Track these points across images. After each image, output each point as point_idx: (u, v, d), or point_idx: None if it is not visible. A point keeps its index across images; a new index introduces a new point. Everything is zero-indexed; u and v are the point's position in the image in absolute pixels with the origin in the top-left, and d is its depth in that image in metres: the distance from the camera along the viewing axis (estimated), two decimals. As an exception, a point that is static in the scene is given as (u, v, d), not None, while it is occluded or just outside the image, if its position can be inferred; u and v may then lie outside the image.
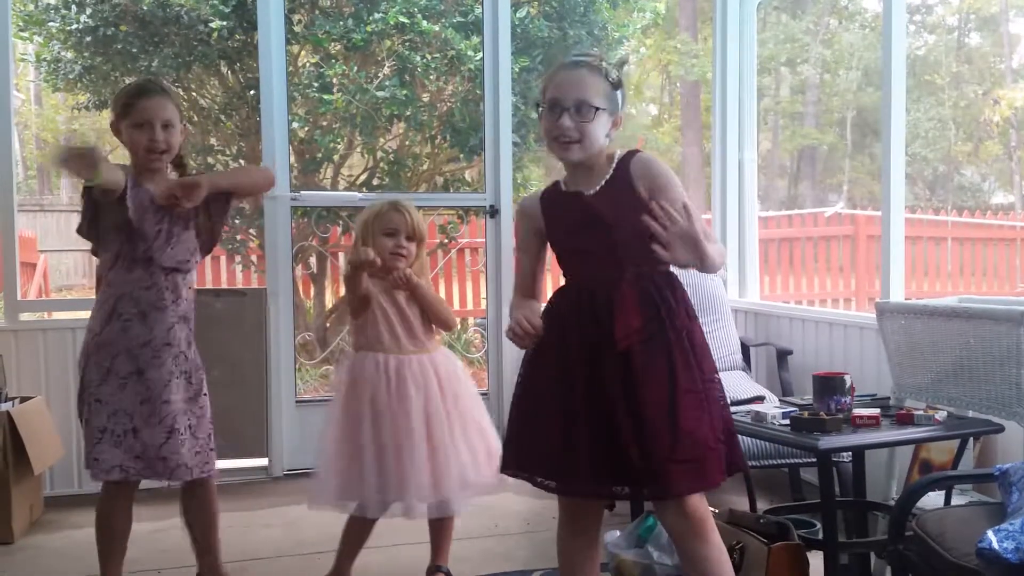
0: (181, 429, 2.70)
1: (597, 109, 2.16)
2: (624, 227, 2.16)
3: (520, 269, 2.40)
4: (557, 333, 2.21)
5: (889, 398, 3.07)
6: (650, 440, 2.06)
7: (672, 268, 2.21)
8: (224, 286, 7.52)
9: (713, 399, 2.16)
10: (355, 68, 6.34)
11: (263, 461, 4.39)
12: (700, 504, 2.14)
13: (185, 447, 2.70)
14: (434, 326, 2.95)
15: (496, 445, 2.85)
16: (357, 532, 2.90)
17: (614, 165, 2.21)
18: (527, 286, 2.36)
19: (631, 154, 2.23)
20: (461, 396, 2.92)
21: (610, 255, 2.18)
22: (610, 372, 2.11)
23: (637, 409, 2.08)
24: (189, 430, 2.72)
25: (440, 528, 2.98)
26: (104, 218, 2.69)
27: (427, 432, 2.80)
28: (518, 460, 2.27)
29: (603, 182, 2.20)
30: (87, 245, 2.81)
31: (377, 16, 6.16)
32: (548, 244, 2.33)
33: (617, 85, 2.22)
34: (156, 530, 3.52)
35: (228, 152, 6.96)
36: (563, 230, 2.27)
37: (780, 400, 3.23)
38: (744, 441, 3.10)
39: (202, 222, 2.81)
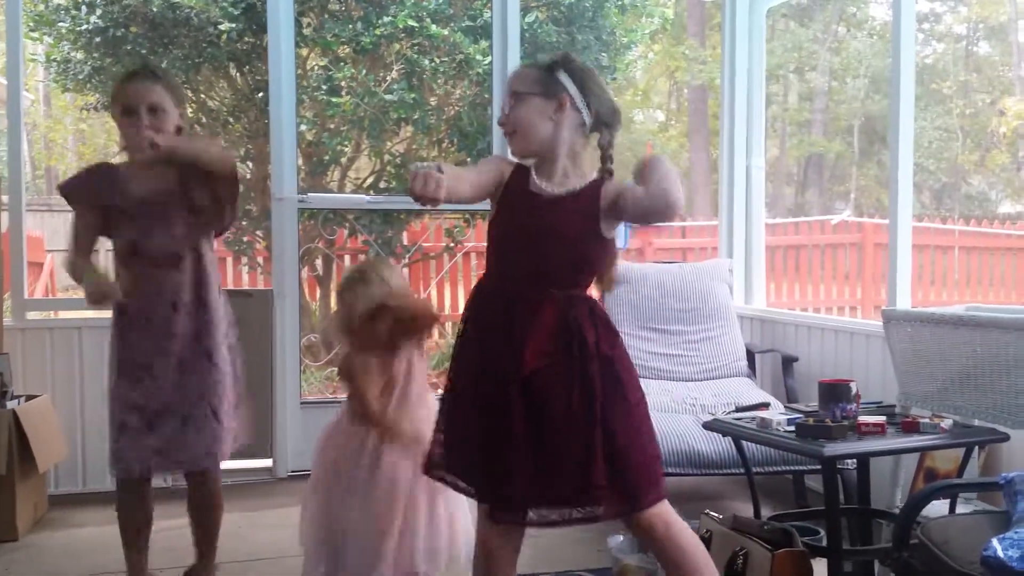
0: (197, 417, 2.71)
1: (518, 94, 2.18)
2: (568, 245, 2.15)
3: (469, 169, 2.26)
4: (478, 341, 2.20)
5: (895, 406, 3.07)
6: (533, 467, 2.07)
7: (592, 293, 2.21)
8: (230, 287, 7.53)
9: (623, 430, 2.10)
10: (363, 71, 6.36)
11: (267, 462, 4.39)
12: (657, 517, 2.13)
13: (197, 436, 2.71)
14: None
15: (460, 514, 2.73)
16: None
17: (587, 182, 2.19)
18: (459, 175, 2.13)
19: (605, 179, 2.20)
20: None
21: (543, 268, 2.14)
22: (515, 393, 2.09)
23: (533, 436, 2.08)
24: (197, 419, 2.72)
25: None
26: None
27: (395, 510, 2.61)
28: (447, 462, 2.25)
29: (567, 191, 2.18)
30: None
31: (386, 19, 6.17)
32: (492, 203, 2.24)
33: (553, 68, 2.19)
34: (160, 529, 3.52)
35: (236, 154, 6.98)
36: (509, 220, 2.22)
37: (785, 407, 3.23)
38: (749, 447, 3.12)
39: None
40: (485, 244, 2.27)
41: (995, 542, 1.96)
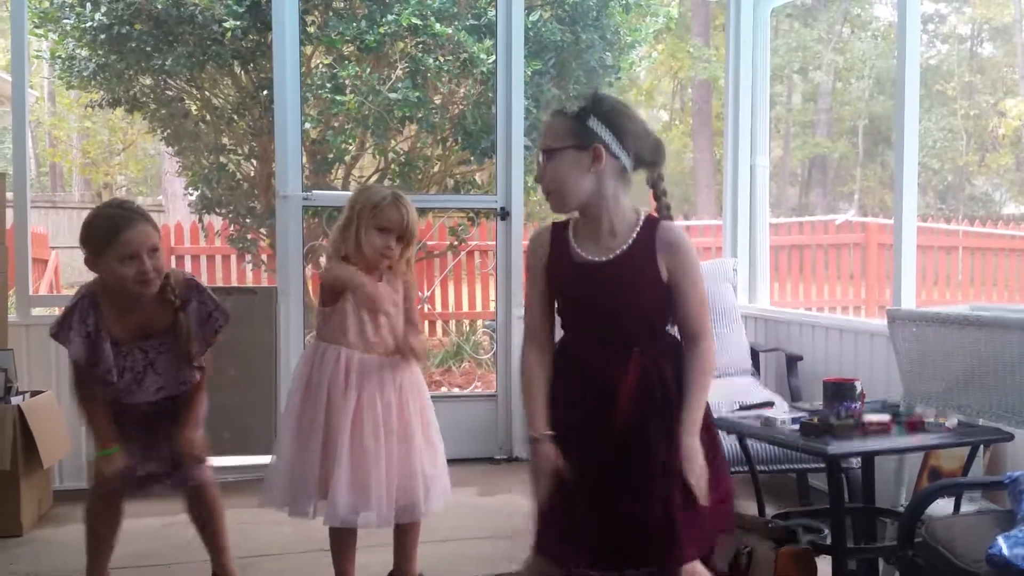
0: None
1: (550, 150, 2.05)
2: (639, 305, 2.07)
3: (530, 308, 2.21)
4: (565, 399, 2.12)
5: (899, 405, 3.06)
6: (637, 519, 2.01)
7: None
8: (234, 284, 7.54)
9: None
10: (368, 69, 6.36)
11: (270, 459, 4.39)
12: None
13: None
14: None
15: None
16: (339, 542, 2.79)
17: (637, 230, 2.07)
18: (537, 332, 2.16)
19: (655, 221, 2.08)
20: (423, 399, 2.80)
21: (618, 331, 2.07)
22: (607, 453, 2.04)
23: (631, 492, 2.03)
24: None
25: (407, 533, 2.82)
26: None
27: (389, 433, 2.67)
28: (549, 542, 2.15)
29: (621, 250, 2.06)
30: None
31: (390, 18, 6.17)
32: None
33: (583, 116, 2.04)
34: (168, 524, 3.53)
35: (240, 151, 6.99)
36: (569, 293, 2.13)
37: (790, 406, 3.22)
38: (753, 445, 3.12)
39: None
40: (488, 243, 2.26)
41: (1000, 540, 1.96)
